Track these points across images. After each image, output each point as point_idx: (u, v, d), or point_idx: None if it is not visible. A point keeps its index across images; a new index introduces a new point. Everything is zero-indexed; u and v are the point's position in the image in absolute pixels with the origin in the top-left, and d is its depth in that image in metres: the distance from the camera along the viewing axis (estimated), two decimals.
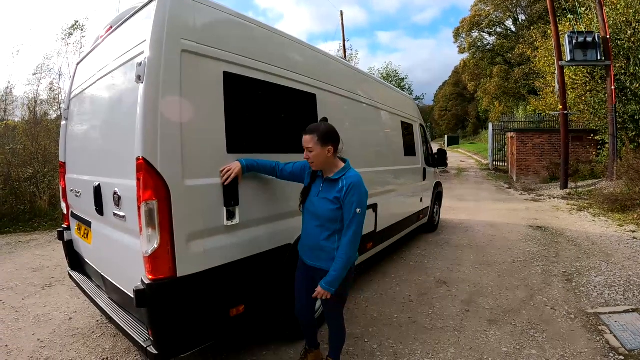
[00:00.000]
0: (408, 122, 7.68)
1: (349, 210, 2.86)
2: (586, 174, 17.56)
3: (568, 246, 7.74)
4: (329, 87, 4.49)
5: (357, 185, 2.90)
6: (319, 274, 3.02)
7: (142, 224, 2.62)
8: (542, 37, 23.58)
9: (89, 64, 3.92)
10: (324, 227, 3.00)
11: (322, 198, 3.01)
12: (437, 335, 4.21)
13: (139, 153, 2.57)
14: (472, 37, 49.46)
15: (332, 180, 2.99)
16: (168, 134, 2.64)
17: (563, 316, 4.60)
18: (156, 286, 2.63)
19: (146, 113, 2.57)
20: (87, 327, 4.44)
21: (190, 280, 2.79)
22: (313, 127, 3.01)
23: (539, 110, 25.01)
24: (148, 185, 2.56)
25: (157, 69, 2.60)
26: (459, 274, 6.24)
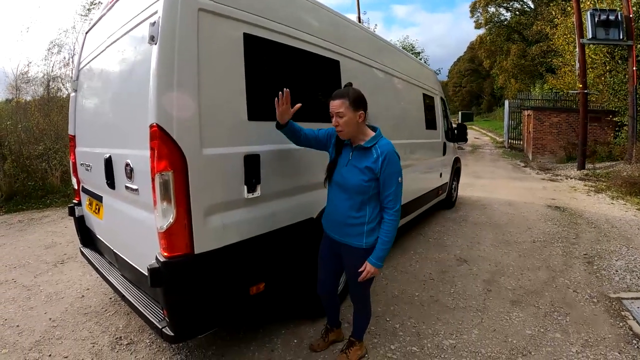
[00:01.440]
0: (430, 94, 7.47)
1: (390, 181, 2.71)
2: (603, 155, 17.21)
3: (587, 228, 7.58)
4: (352, 54, 4.29)
5: (393, 154, 2.73)
6: (347, 250, 2.91)
7: (156, 197, 2.44)
8: (562, 14, 23.01)
9: (98, 32, 3.72)
10: (352, 200, 2.81)
11: (351, 167, 2.81)
12: (460, 316, 4.11)
13: (153, 120, 2.38)
14: (489, 13, 48.68)
15: (364, 148, 2.79)
16: (185, 98, 2.45)
17: (585, 299, 4.51)
18: (172, 264, 2.47)
19: (160, 76, 2.38)
20: (99, 305, 4.37)
21: (208, 258, 2.63)
22: (342, 92, 2.79)
23: (556, 88, 24.61)
24: (163, 155, 2.38)
25: (172, 28, 2.41)
26: (479, 252, 6.12)
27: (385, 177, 2.70)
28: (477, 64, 69.13)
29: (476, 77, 73.27)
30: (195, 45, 2.51)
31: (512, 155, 22.75)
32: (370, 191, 2.76)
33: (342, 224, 2.89)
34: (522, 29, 44.57)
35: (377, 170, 2.69)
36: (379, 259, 2.75)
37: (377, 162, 2.69)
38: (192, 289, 2.60)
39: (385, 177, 2.70)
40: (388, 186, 2.71)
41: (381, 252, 2.74)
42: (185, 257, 2.51)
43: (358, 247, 2.83)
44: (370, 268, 2.75)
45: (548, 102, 24.65)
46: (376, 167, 2.69)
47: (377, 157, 2.70)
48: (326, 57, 3.85)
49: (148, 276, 2.47)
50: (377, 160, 2.69)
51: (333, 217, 2.97)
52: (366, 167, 2.72)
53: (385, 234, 2.74)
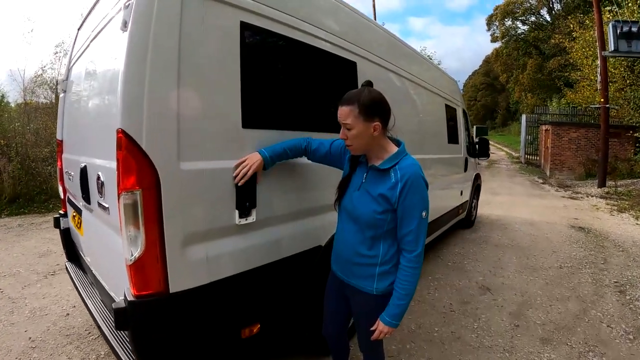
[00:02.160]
0: (452, 105, 7.02)
1: (411, 216, 2.04)
2: (624, 172, 16.88)
3: (615, 252, 7.20)
4: (371, 56, 3.82)
5: (417, 179, 2.05)
6: (354, 293, 2.32)
7: (121, 221, 1.97)
8: (580, 27, 22.67)
9: (87, 26, 3.30)
10: (362, 234, 2.20)
11: (363, 193, 2.18)
12: (485, 357, 3.66)
13: (118, 124, 1.90)
14: (505, 26, 48.64)
15: (379, 170, 2.13)
16: (159, 98, 1.96)
17: (621, 336, 4.09)
18: (141, 305, 2.01)
19: (129, 69, 1.91)
20: (83, 326, 4.00)
21: (187, 297, 2.15)
22: (352, 95, 2.10)
23: (574, 103, 24.28)
24: (130, 169, 1.91)
25: (149, 11, 1.93)
26: (503, 278, 5.68)
27: (404, 209, 2.05)
28: (492, 77, 69.42)
29: (491, 91, 73.56)
30: (177, 34, 2.02)
31: (529, 171, 22.43)
32: (385, 225, 2.13)
33: (349, 262, 2.29)
34: (539, 43, 44.29)
35: (394, 200, 2.05)
36: (394, 317, 2.10)
37: (395, 188, 2.05)
38: (165, 334, 2.14)
39: (404, 209, 2.05)
40: (408, 222, 2.06)
41: (396, 308, 2.09)
42: (157, 296, 2.04)
43: (367, 292, 2.23)
44: (383, 328, 2.12)
45: (566, 117, 24.46)
46: (393, 195, 2.05)
47: (396, 183, 2.05)
48: (341, 57, 3.36)
49: (113, 317, 2.03)
50: (396, 187, 2.05)
51: (341, 251, 2.36)
52: (380, 194, 2.09)
53: (402, 285, 2.09)
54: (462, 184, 7.68)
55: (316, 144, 2.57)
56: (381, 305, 2.15)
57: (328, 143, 2.55)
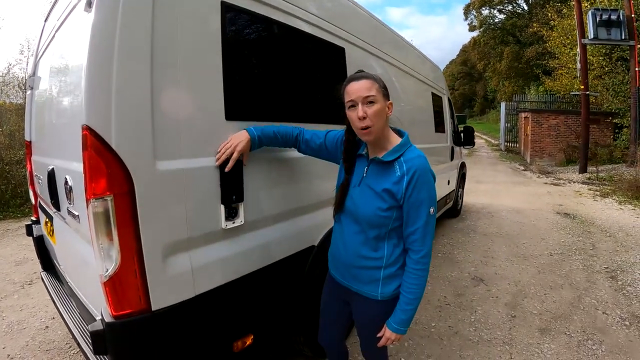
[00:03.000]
0: (438, 94, 6.91)
1: (418, 213, 1.85)
2: (604, 158, 17.08)
3: (602, 237, 7.23)
4: (359, 42, 3.62)
5: (425, 172, 1.86)
6: (356, 300, 2.12)
7: (92, 232, 1.72)
8: (558, 16, 22.91)
9: (53, 17, 3.00)
10: (364, 234, 1.98)
11: (365, 188, 1.96)
12: (486, 351, 3.56)
13: (84, 120, 1.64)
14: (482, 15, 48.88)
15: (383, 163, 1.92)
16: (129, 90, 1.71)
17: (617, 322, 4.10)
18: (120, 327, 1.77)
19: (94, 55, 1.64)
20: (63, 339, 3.77)
21: (172, 315, 1.92)
22: (366, 73, 1.91)
23: (553, 90, 24.52)
24: (98, 172, 1.65)
25: None
26: (495, 268, 5.61)
27: (410, 205, 1.85)
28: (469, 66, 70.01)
29: (469, 79, 74.16)
30: (150, 14, 1.76)
31: (510, 158, 22.66)
32: (390, 224, 1.92)
33: (350, 266, 2.07)
34: (516, 32, 44.58)
35: (399, 195, 1.85)
36: (402, 323, 1.92)
37: (401, 183, 1.84)
38: (149, 357, 1.92)
39: (410, 205, 1.85)
40: (414, 219, 1.86)
41: (404, 314, 1.91)
42: (138, 315, 1.81)
43: (372, 299, 2.02)
44: (390, 334, 1.94)
45: (544, 104, 24.79)
46: (399, 190, 1.85)
47: (402, 176, 1.85)
48: (330, 43, 3.16)
49: (90, 341, 1.82)
50: (401, 181, 1.84)
51: (340, 254, 2.13)
52: (385, 189, 1.88)
53: (408, 289, 1.90)
54: (449, 173, 7.58)
55: (309, 135, 2.34)
56: (387, 311, 1.97)
57: (322, 134, 2.32)
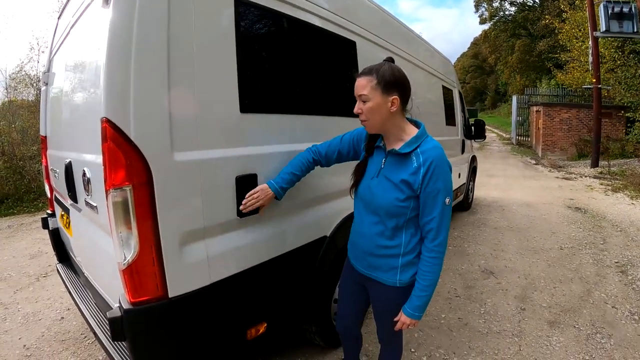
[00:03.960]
0: (449, 87, 6.88)
1: (434, 202, 1.91)
2: (616, 152, 16.92)
3: (613, 232, 7.16)
4: (370, 35, 3.64)
5: (442, 163, 1.92)
6: (375, 287, 2.20)
7: (111, 221, 1.79)
8: (570, 8, 22.60)
9: (67, 14, 3.05)
10: (382, 225, 2.04)
11: (383, 180, 2.03)
12: (495, 342, 3.58)
13: (103, 113, 1.70)
14: (493, 7, 48.33)
15: (400, 154, 1.99)
16: (147, 83, 1.76)
17: (626, 317, 4.08)
18: (138, 313, 1.84)
19: (113, 50, 1.71)
20: (79, 329, 3.85)
21: (188, 302, 1.98)
22: (371, 67, 1.99)
23: (565, 84, 24.30)
24: (117, 163, 1.71)
25: None
26: (505, 261, 5.61)
27: (427, 195, 1.91)
28: (480, 60, 69.38)
29: (480, 73, 73.50)
30: (166, 9, 1.81)
31: (521, 152, 22.48)
32: (407, 213, 1.98)
33: (369, 254, 2.14)
34: (528, 24, 44.13)
35: (416, 186, 1.91)
36: (417, 309, 2.01)
37: (418, 173, 1.90)
38: (166, 343, 1.99)
39: (427, 195, 1.91)
40: (430, 209, 1.93)
41: (418, 300, 1.99)
42: (156, 302, 1.87)
43: (390, 286, 2.10)
44: (406, 319, 2.03)
45: (556, 98, 24.56)
46: (416, 180, 1.90)
47: (419, 167, 1.90)
48: (341, 37, 3.18)
49: (108, 327, 1.87)
50: (418, 172, 1.90)
51: (359, 243, 2.20)
52: (402, 180, 1.94)
53: (423, 276, 1.98)
54: (460, 167, 7.55)
55: (324, 149, 2.40)
56: (405, 297, 2.05)
57: (337, 141, 2.38)
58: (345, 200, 3.09)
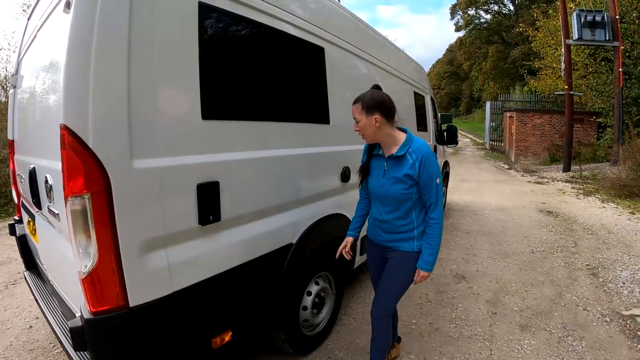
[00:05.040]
0: (420, 93, 6.93)
1: (430, 184, 2.56)
2: (588, 157, 17.26)
3: (584, 235, 7.31)
4: (340, 41, 3.64)
5: (429, 156, 2.57)
6: (395, 254, 2.77)
7: (70, 229, 1.78)
8: (543, 17, 23.34)
9: (35, 16, 2.98)
10: (398, 211, 2.67)
11: (389, 178, 2.64)
12: (466, 347, 3.61)
13: (62, 119, 1.69)
14: (469, 15, 49.06)
15: (397, 157, 2.61)
16: (107, 90, 1.74)
17: (598, 319, 4.15)
18: (99, 323, 1.83)
19: (73, 55, 1.69)
20: (47, 338, 3.77)
21: (149, 311, 1.96)
22: (359, 96, 2.63)
23: (537, 90, 24.78)
24: (76, 170, 1.70)
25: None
26: (477, 266, 5.66)
27: (424, 180, 2.55)
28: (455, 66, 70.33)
29: (455, 79, 74.49)
30: (127, 15, 1.79)
31: (495, 156, 22.82)
32: (413, 197, 2.62)
33: (392, 233, 2.74)
34: (502, 32, 44.84)
35: (415, 176, 2.55)
36: (430, 264, 2.64)
37: (414, 167, 2.55)
38: (127, 354, 1.96)
39: (424, 180, 2.55)
40: (428, 189, 2.57)
41: (429, 256, 2.63)
42: (116, 312, 1.86)
43: (410, 251, 2.70)
44: (424, 273, 2.66)
45: (529, 104, 25.01)
46: (414, 172, 2.55)
47: (414, 163, 2.55)
48: (309, 42, 3.18)
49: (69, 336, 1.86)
50: (414, 166, 2.55)
51: (382, 227, 2.80)
52: (405, 174, 2.57)
53: (429, 238, 2.64)
54: None
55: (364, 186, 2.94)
56: (417, 258, 2.67)
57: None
58: (310, 208, 3.16)
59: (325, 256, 3.48)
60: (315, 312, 3.49)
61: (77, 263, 1.79)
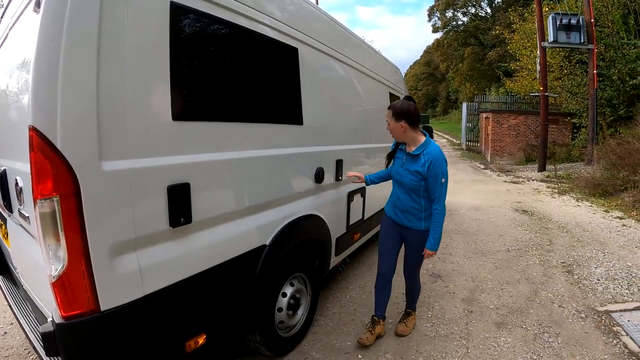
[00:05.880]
0: (396, 93, 6.87)
1: (435, 182, 3.19)
2: (563, 156, 17.53)
3: (559, 233, 7.44)
4: (315, 42, 3.62)
5: (439, 159, 3.19)
6: (409, 232, 3.48)
7: (39, 232, 1.75)
8: (520, 20, 23.83)
9: (7, 15, 2.87)
10: (410, 195, 3.38)
11: (405, 169, 3.35)
12: (443, 346, 3.64)
13: (30, 120, 1.66)
14: (446, 17, 49.44)
15: (413, 155, 3.29)
16: (75, 91, 1.71)
17: (573, 315, 4.23)
18: (70, 327, 1.80)
19: (41, 56, 1.66)
20: (22, 344, 3.69)
21: (121, 315, 1.93)
22: (392, 104, 3.37)
23: (513, 91, 25.12)
24: (44, 173, 1.67)
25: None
26: (453, 265, 5.71)
27: (431, 178, 3.19)
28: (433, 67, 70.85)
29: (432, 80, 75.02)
30: (97, 15, 1.76)
31: (471, 157, 23.03)
32: (421, 188, 3.29)
33: (405, 212, 3.45)
34: (479, 34, 45.27)
35: (424, 173, 3.20)
36: (434, 245, 3.32)
37: (425, 166, 3.19)
38: (99, 358, 1.94)
39: (431, 178, 3.19)
40: (433, 186, 3.21)
41: (433, 239, 3.30)
42: (88, 316, 1.83)
43: (418, 229, 3.41)
44: (431, 252, 3.34)
45: (505, 105, 25.28)
46: (424, 170, 3.20)
47: (425, 162, 3.19)
48: (282, 43, 3.14)
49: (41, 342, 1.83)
50: (425, 165, 3.19)
51: (398, 205, 3.51)
52: (416, 170, 3.25)
53: (435, 225, 3.28)
54: None
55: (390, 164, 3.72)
56: (426, 236, 3.36)
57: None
58: (284, 209, 3.16)
59: (300, 257, 3.48)
60: (291, 314, 3.48)
61: (47, 267, 1.76)
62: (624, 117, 14.81)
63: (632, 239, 6.99)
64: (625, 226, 7.81)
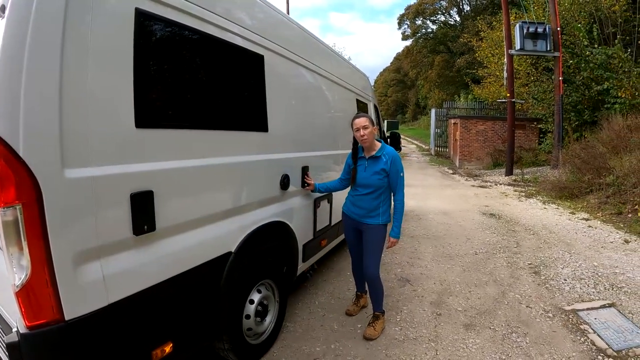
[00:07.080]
0: (363, 100, 6.92)
1: (396, 176, 3.72)
2: (529, 161, 17.93)
3: (526, 235, 7.56)
4: (282, 50, 3.63)
5: (397, 157, 3.77)
6: (368, 227, 3.83)
7: (2, 241, 1.74)
8: (488, 28, 24.32)
9: None
10: (373, 193, 3.78)
11: (370, 172, 3.76)
12: (412, 349, 3.64)
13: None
14: (416, 25, 50.04)
15: (375, 157, 3.76)
16: (38, 98, 1.69)
17: (541, 315, 4.30)
18: (34, 337, 1.77)
19: (4, 62, 1.62)
20: None
21: (86, 324, 1.90)
22: (363, 113, 4.10)
23: (481, 98, 25.50)
24: (7, 180, 1.65)
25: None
26: (421, 269, 5.72)
27: (392, 173, 3.71)
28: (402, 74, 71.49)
29: (402, 87, 75.68)
30: (61, 21, 1.75)
31: (439, 162, 23.27)
32: (385, 184, 3.76)
33: (366, 209, 3.82)
34: (448, 41, 45.92)
35: (387, 169, 3.71)
36: (397, 234, 3.77)
37: (387, 164, 3.71)
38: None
39: (392, 173, 3.71)
40: (395, 180, 3.73)
41: (397, 228, 3.76)
42: (53, 325, 1.79)
43: (377, 224, 3.80)
44: (394, 240, 3.80)
45: (473, 111, 25.65)
46: (387, 167, 3.71)
47: (387, 161, 3.71)
48: (248, 50, 3.14)
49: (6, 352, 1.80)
50: (387, 163, 3.71)
51: (359, 204, 3.87)
52: (381, 169, 3.71)
53: (396, 214, 3.76)
54: None
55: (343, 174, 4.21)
56: (384, 230, 3.86)
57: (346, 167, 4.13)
58: (249, 216, 3.15)
59: (267, 264, 3.46)
60: (259, 321, 3.45)
61: (11, 276, 1.75)
62: (589, 121, 15.22)
63: (597, 239, 7.14)
64: (591, 227, 7.98)
